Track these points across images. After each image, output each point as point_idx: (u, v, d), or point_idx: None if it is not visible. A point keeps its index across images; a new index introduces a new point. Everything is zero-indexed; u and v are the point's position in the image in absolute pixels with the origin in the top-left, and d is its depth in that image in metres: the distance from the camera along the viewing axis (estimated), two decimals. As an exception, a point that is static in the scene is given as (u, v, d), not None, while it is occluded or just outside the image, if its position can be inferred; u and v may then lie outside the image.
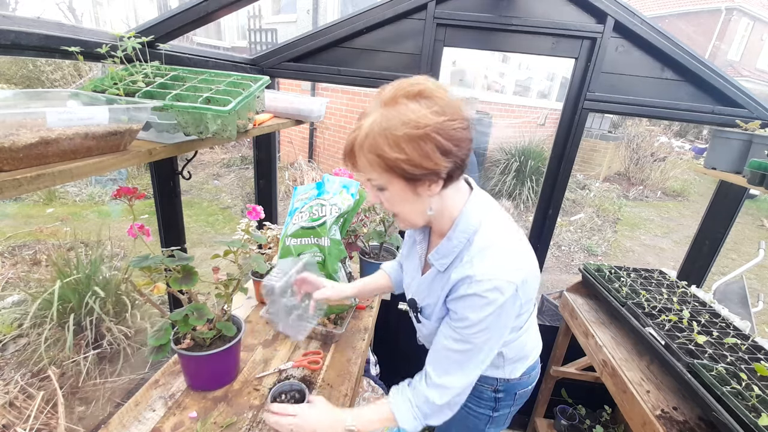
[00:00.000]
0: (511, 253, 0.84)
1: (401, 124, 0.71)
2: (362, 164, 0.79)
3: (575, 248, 5.37)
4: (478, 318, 0.81)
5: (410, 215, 0.85)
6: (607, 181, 8.54)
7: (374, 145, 0.74)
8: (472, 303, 0.81)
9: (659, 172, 8.62)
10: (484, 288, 0.79)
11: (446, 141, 0.73)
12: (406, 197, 0.81)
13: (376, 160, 0.75)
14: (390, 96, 0.75)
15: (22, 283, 2.93)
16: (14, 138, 0.54)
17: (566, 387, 2.20)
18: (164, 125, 0.85)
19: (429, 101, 0.73)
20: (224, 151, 7.73)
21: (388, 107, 0.74)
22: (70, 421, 1.97)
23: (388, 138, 0.72)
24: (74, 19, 9.09)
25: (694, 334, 1.27)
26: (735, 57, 16.76)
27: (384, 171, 0.76)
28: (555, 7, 1.57)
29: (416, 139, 0.71)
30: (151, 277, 0.93)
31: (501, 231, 0.87)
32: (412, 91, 0.74)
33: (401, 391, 0.92)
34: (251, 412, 1.02)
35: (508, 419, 1.19)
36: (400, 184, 0.78)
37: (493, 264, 0.81)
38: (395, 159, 0.73)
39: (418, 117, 0.71)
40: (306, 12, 9.14)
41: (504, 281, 0.79)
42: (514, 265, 0.83)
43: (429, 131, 0.71)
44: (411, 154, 0.72)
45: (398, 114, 0.72)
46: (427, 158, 0.73)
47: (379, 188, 0.81)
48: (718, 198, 1.76)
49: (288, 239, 1.34)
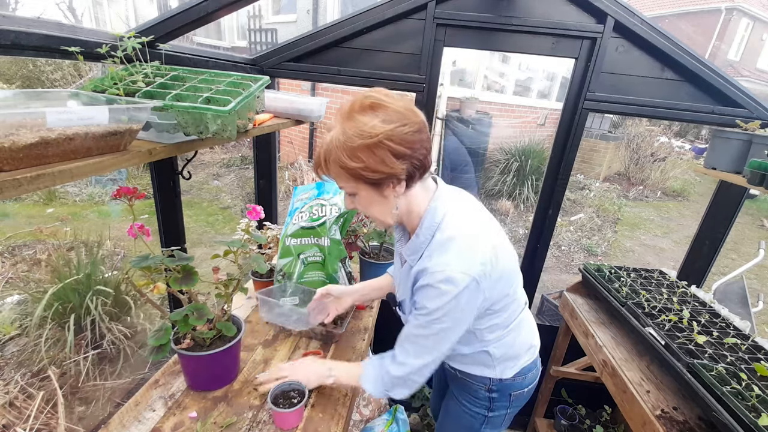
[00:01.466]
0: (470, 247, 0.88)
1: (356, 135, 0.79)
2: (331, 174, 0.87)
3: (575, 248, 5.37)
4: (433, 307, 0.87)
5: (380, 215, 0.92)
6: (607, 181, 8.54)
7: (336, 158, 0.82)
8: (428, 293, 0.87)
9: (659, 172, 8.62)
10: (437, 279, 0.85)
11: (398, 145, 0.80)
12: (374, 200, 0.88)
13: (340, 171, 0.83)
14: (347, 111, 0.82)
15: (22, 283, 2.93)
16: (14, 138, 0.54)
17: (566, 387, 2.20)
18: (164, 125, 0.85)
19: (379, 111, 0.80)
20: (224, 151, 7.73)
21: (345, 122, 0.81)
22: (70, 421, 1.97)
23: (346, 150, 0.80)
24: (74, 19, 9.09)
25: (694, 334, 1.27)
26: (735, 57, 16.76)
27: (350, 179, 0.84)
28: (555, 7, 1.57)
29: (370, 147, 0.79)
30: (151, 277, 0.93)
31: (463, 225, 0.91)
32: (364, 104, 0.81)
33: (373, 360, 1.05)
34: (251, 412, 1.02)
35: (505, 421, 1.19)
36: (366, 189, 0.86)
37: (448, 257, 0.86)
38: (355, 168, 0.80)
39: (370, 127, 0.78)
40: (306, 12, 9.14)
41: (457, 272, 0.84)
42: (473, 258, 0.87)
43: (381, 138, 0.78)
44: (368, 162, 0.80)
45: (352, 127, 0.79)
46: (383, 163, 0.80)
47: (350, 194, 0.90)
48: (718, 198, 1.76)
49: (288, 239, 1.34)
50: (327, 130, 0.86)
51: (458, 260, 0.85)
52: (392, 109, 0.81)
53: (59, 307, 2.41)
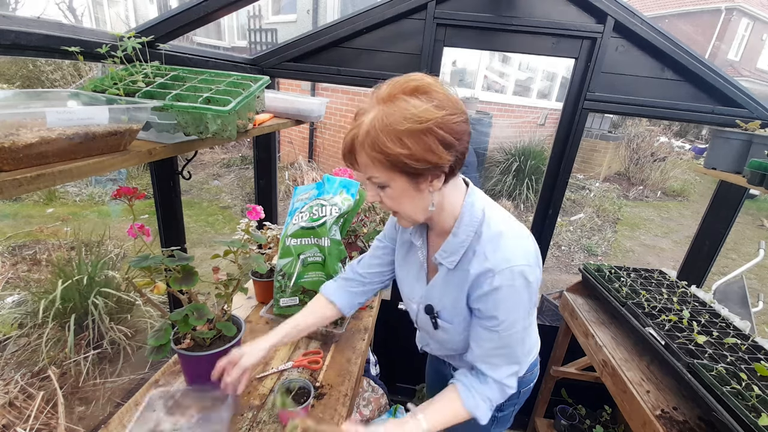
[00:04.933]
0: (523, 238, 0.86)
1: (403, 119, 0.71)
2: (363, 162, 0.78)
3: (575, 248, 5.37)
4: (511, 307, 0.82)
5: (412, 212, 0.84)
6: (607, 181, 8.54)
7: (376, 142, 0.73)
8: (501, 296, 0.81)
9: (659, 172, 8.62)
10: (507, 278, 0.80)
11: (448, 134, 0.73)
12: (408, 193, 0.80)
13: (377, 157, 0.74)
14: (387, 93, 0.74)
15: (23, 283, 2.93)
16: (14, 138, 0.54)
17: (566, 387, 2.20)
18: (164, 125, 0.85)
19: (428, 96, 0.73)
20: (224, 151, 7.73)
21: (387, 104, 0.73)
22: (70, 421, 1.97)
23: (390, 133, 0.71)
24: (74, 19, 9.09)
25: (694, 334, 1.27)
26: (735, 57, 16.75)
27: (386, 168, 0.76)
28: (555, 7, 1.57)
29: (418, 133, 0.71)
30: (151, 277, 0.93)
31: (505, 218, 0.88)
32: (409, 86, 0.74)
33: (461, 388, 0.90)
34: (251, 412, 1.02)
35: (511, 418, 1.19)
36: (401, 181, 0.77)
37: (509, 252, 0.81)
38: (398, 154, 0.72)
39: (420, 111, 0.71)
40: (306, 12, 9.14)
41: (524, 266, 0.80)
42: (528, 249, 0.84)
43: (431, 125, 0.71)
44: (414, 149, 0.72)
45: (399, 109, 0.71)
46: (430, 152, 0.72)
47: (380, 186, 0.80)
48: (718, 198, 1.76)
49: (288, 239, 1.34)
50: (357, 116, 0.77)
51: (519, 253, 0.81)
52: (442, 94, 0.74)
53: (60, 307, 2.41)
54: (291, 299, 1.35)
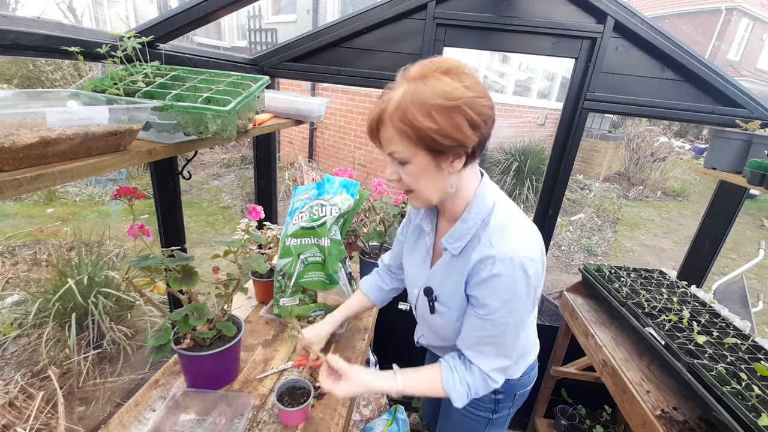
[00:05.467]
0: (529, 233, 0.86)
1: (434, 94, 0.73)
2: (388, 136, 0.79)
3: (575, 248, 5.37)
4: (507, 297, 0.83)
5: (428, 191, 0.85)
6: (607, 181, 8.54)
7: (406, 114, 0.74)
8: (499, 284, 0.82)
9: (659, 172, 8.62)
10: (507, 267, 0.80)
11: (476, 115, 0.75)
12: (428, 171, 0.81)
13: (405, 130, 0.75)
14: (419, 72, 0.76)
15: (23, 283, 2.93)
16: (14, 138, 0.54)
17: (566, 387, 2.20)
18: (164, 125, 0.85)
19: (458, 77, 0.75)
20: (224, 151, 7.73)
21: (418, 81, 0.75)
22: (70, 421, 1.97)
23: (422, 107, 0.73)
24: (74, 19, 9.09)
25: (694, 334, 1.27)
26: (735, 57, 16.75)
27: (411, 143, 0.77)
28: (555, 7, 1.57)
29: (448, 109, 0.73)
30: (151, 277, 0.93)
31: (514, 212, 0.89)
32: (441, 67, 0.76)
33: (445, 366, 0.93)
34: (251, 412, 1.02)
35: (507, 421, 1.19)
36: (424, 157, 0.79)
37: (513, 242, 0.82)
38: (426, 128, 0.73)
39: (452, 89, 0.73)
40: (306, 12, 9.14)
41: (526, 258, 0.81)
42: (534, 243, 0.84)
43: (460, 104, 0.73)
44: (442, 124, 0.73)
45: (431, 86, 0.74)
46: (458, 129, 0.74)
47: (401, 162, 0.81)
48: (718, 198, 1.76)
49: (288, 239, 1.34)
50: (384, 93, 0.80)
51: (524, 245, 0.82)
52: (472, 78, 0.76)
53: (60, 307, 2.41)
54: (291, 299, 1.35)
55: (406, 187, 0.86)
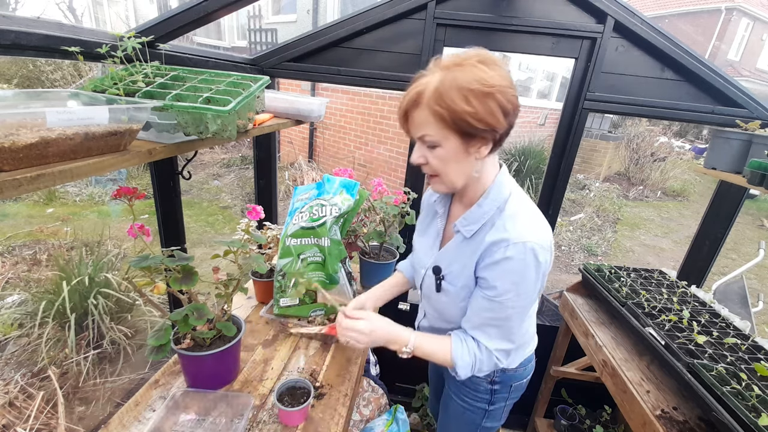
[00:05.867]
0: (541, 222, 0.90)
1: (473, 80, 0.77)
2: (421, 119, 0.83)
3: (575, 248, 5.37)
4: (514, 280, 0.86)
5: (454, 175, 0.89)
6: (607, 181, 8.54)
7: (444, 97, 0.78)
8: (509, 267, 0.85)
9: (659, 172, 8.62)
10: (519, 251, 0.84)
11: (507, 103, 0.80)
12: (457, 156, 0.85)
13: (441, 113, 0.79)
14: (456, 60, 0.81)
15: (23, 283, 2.93)
16: (14, 138, 0.54)
17: (566, 387, 2.20)
18: (164, 125, 0.85)
19: (491, 67, 0.80)
20: (224, 151, 7.73)
21: (454, 68, 0.79)
22: (70, 421, 1.97)
23: (461, 90, 0.77)
24: (74, 19, 9.09)
25: (694, 334, 1.27)
26: (735, 57, 16.75)
27: (444, 125, 0.81)
28: (555, 7, 1.57)
29: (484, 95, 0.77)
30: (151, 277, 0.93)
31: (528, 202, 0.94)
32: (477, 58, 0.81)
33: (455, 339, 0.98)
34: (251, 412, 1.02)
35: (504, 413, 1.21)
36: (455, 141, 0.82)
37: (526, 228, 0.86)
38: (463, 111, 0.77)
39: (488, 77, 0.77)
40: (306, 12, 9.15)
41: (537, 245, 0.84)
42: (545, 232, 0.88)
43: (495, 91, 0.77)
44: (478, 108, 0.77)
45: (469, 72, 0.78)
46: (492, 115, 0.78)
47: (431, 145, 0.85)
48: (718, 198, 1.76)
49: (288, 239, 1.34)
50: (417, 79, 0.84)
51: (536, 232, 0.86)
52: (503, 69, 0.81)
53: (60, 307, 2.41)
54: (291, 299, 1.35)
55: (433, 171, 0.90)
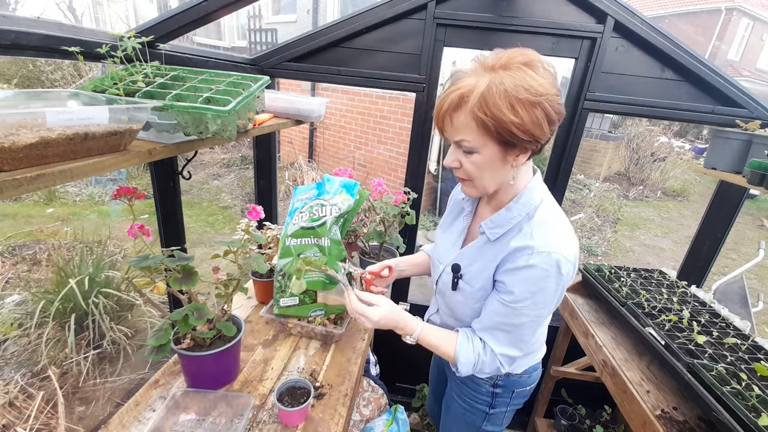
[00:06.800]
0: (570, 233, 0.87)
1: (522, 88, 0.72)
2: (461, 123, 0.78)
3: (575, 248, 5.36)
4: (532, 290, 0.84)
5: (489, 181, 0.85)
6: (607, 181, 8.54)
7: (489, 105, 0.73)
8: (529, 275, 0.83)
9: (659, 172, 8.62)
10: (544, 260, 0.81)
11: (553, 112, 0.75)
12: (494, 163, 0.81)
13: (485, 120, 0.74)
14: (501, 62, 0.75)
15: (23, 283, 2.93)
16: (14, 138, 0.54)
17: (566, 387, 2.20)
18: (164, 125, 0.85)
19: (538, 71, 0.75)
20: (224, 151, 7.73)
21: (500, 71, 0.74)
22: (70, 421, 1.97)
23: (509, 99, 0.72)
24: (74, 19, 9.09)
25: (694, 334, 1.27)
26: (735, 57, 16.75)
27: (485, 133, 0.76)
28: (555, 7, 1.57)
29: (532, 105, 0.73)
30: (151, 277, 0.93)
31: (559, 212, 0.91)
32: (523, 59, 0.75)
33: (462, 337, 0.97)
34: (251, 412, 1.02)
35: (506, 418, 1.19)
36: (494, 148, 0.79)
37: (554, 238, 0.83)
38: (509, 121, 0.73)
39: (538, 84, 0.73)
40: (306, 12, 9.15)
41: (563, 257, 0.81)
42: (573, 243, 0.85)
43: (543, 100, 0.73)
44: (525, 119, 0.73)
45: (517, 78, 0.73)
46: (537, 125, 0.74)
47: (468, 151, 0.81)
48: (718, 198, 1.76)
49: (288, 239, 1.34)
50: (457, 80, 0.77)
51: (564, 243, 0.83)
52: (550, 73, 0.76)
53: (60, 307, 2.41)
54: (291, 299, 1.35)
55: (467, 176, 0.86)
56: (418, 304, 1.95)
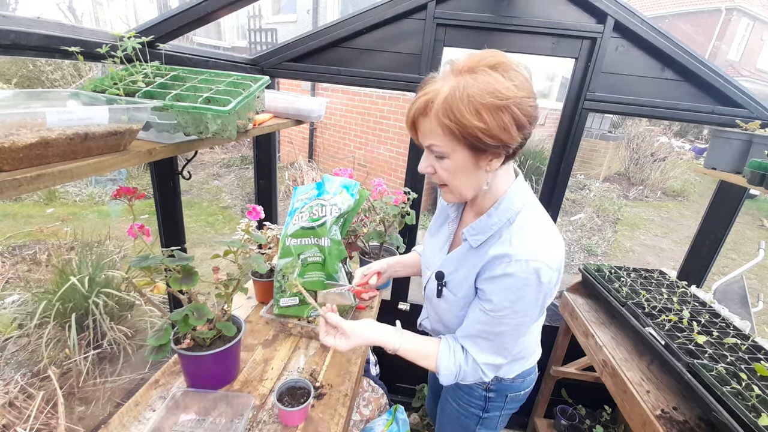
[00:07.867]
0: (552, 240, 0.84)
1: (485, 92, 0.70)
2: (429, 129, 0.77)
3: (575, 248, 5.37)
4: (512, 299, 0.81)
5: (463, 186, 0.84)
6: (607, 181, 8.54)
7: (452, 110, 0.72)
8: (508, 284, 0.81)
9: (659, 172, 8.62)
10: (522, 269, 0.79)
11: (523, 115, 0.73)
12: (466, 168, 0.79)
13: (449, 126, 0.73)
14: (468, 65, 0.74)
15: (23, 283, 2.93)
16: (14, 138, 0.54)
17: (566, 387, 2.20)
18: (164, 125, 0.85)
19: (509, 74, 0.73)
20: (224, 151, 7.73)
21: (466, 74, 0.73)
22: (70, 421, 1.97)
23: (470, 104, 0.70)
24: (74, 19, 9.09)
25: (694, 334, 1.27)
26: (735, 57, 16.76)
27: (453, 138, 0.75)
28: (555, 7, 1.57)
29: (498, 109, 0.71)
30: (151, 277, 0.93)
31: (542, 217, 0.88)
32: (491, 61, 0.73)
33: (443, 347, 0.95)
34: (251, 412, 1.02)
35: (500, 423, 1.19)
36: (464, 154, 0.77)
37: (533, 246, 0.81)
38: (473, 126, 0.71)
39: (503, 88, 0.70)
40: (306, 12, 9.15)
41: (544, 264, 0.79)
42: (555, 251, 0.82)
43: (510, 104, 0.71)
44: (490, 124, 0.71)
45: (481, 82, 0.71)
46: (504, 130, 0.72)
47: (438, 156, 0.80)
48: (718, 198, 1.76)
49: (288, 239, 1.34)
50: (426, 85, 0.77)
51: (543, 251, 0.80)
52: (521, 75, 0.74)
53: (60, 307, 2.41)
54: (291, 299, 1.35)
55: (441, 181, 0.85)
56: (418, 304, 1.95)
